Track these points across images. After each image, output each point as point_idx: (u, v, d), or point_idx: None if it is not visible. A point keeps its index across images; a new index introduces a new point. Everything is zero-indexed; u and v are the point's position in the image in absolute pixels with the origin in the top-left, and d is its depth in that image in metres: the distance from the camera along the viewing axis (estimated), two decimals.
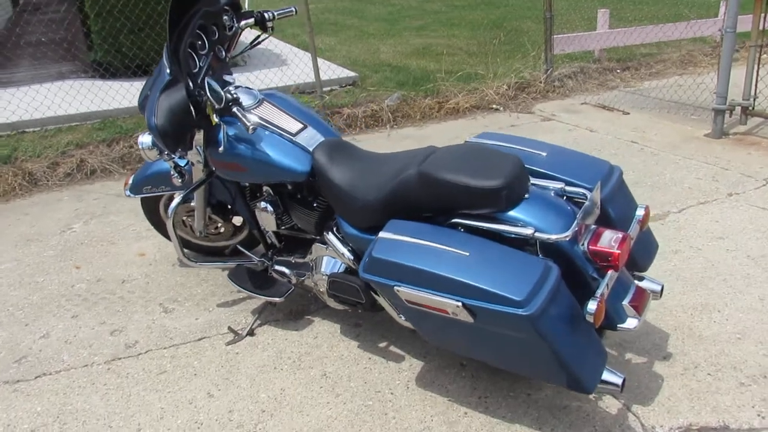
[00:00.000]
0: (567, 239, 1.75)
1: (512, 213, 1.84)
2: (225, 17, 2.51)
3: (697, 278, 2.71)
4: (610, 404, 2.03)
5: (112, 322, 2.68)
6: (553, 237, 1.76)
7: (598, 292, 1.71)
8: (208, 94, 2.01)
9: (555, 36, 6.07)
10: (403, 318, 1.97)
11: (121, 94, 5.36)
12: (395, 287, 1.79)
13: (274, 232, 2.55)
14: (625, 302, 1.87)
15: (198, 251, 2.99)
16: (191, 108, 2.08)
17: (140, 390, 2.26)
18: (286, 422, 2.06)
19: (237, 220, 2.86)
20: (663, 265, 2.81)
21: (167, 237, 2.99)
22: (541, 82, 6.01)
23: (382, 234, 1.88)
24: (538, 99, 5.86)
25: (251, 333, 2.53)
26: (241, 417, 2.10)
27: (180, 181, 2.48)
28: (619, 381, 1.76)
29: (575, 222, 1.71)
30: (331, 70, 6.22)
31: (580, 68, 6.36)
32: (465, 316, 1.69)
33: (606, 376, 1.76)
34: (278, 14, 2.61)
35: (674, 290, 2.64)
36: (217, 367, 2.35)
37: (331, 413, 2.09)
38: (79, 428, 2.10)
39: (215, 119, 2.19)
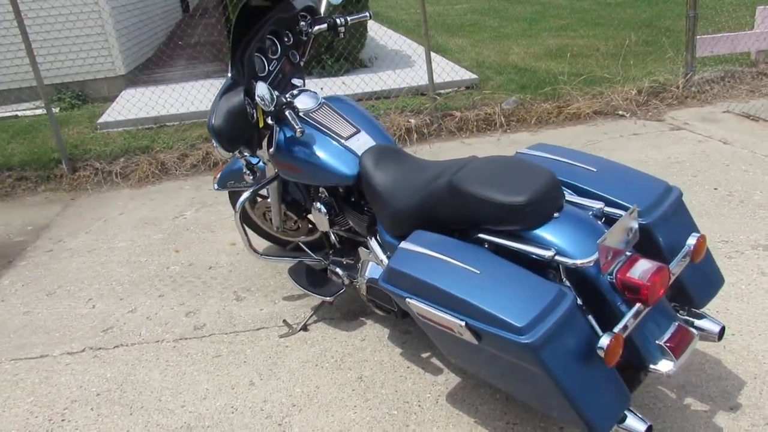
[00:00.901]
0: (590, 265, 1.60)
1: (537, 232, 1.72)
2: (302, 23, 2.59)
3: None
4: None
5: (189, 304, 2.91)
6: (575, 262, 1.62)
7: (617, 327, 1.54)
8: (257, 97, 2.10)
9: (700, 36, 5.50)
10: None
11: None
12: (407, 299, 1.75)
13: (334, 233, 2.60)
14: (661, 341, 1.66)
15: (284, 245, 3.14)
16: (248, 110, 2.18)
17: (194, 370, 2.43)
18: (310, 420, 2.11)
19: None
20: (764, 303, 2.46)
21: (251, 228, 3.16)
22: (678, 87, 5.49)
23: (403, 244, 1.85)
24: (674, 106, 5.36)
25: (305, 328, 2.61)
26: (272, 408, 2.18)
27: (251, 178, 2.61)
28: (641, 428, 1.57)
29: (599, 249, 1.55)
30: (454, 72, 6.17)
31: (729, 72, 5.70)
32: (469, 337, 1.61)
33: (628, 421, 1.59)
34: (351, 19, 2.65)
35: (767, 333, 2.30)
36: (265, 358, 2.46)
37: (354, 417, 2.10)
38: (135, 397, 2.31)
39: (270, 122, 2.28)
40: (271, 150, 2.36)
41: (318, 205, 2.46)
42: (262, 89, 2.10)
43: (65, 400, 2.34)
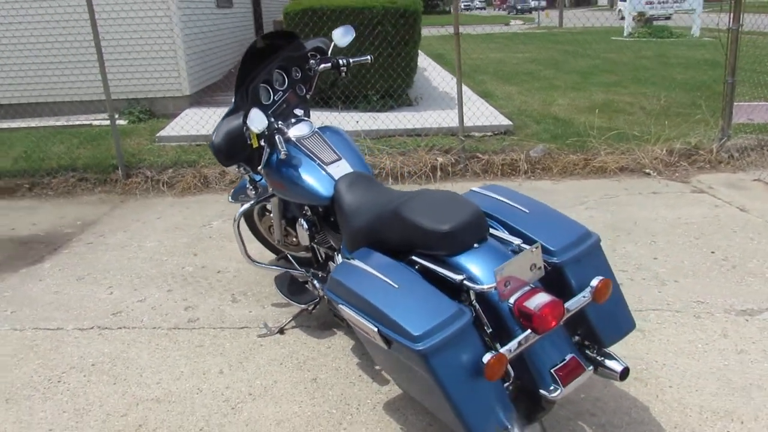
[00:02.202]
0: (491, 291, 1.81)
1: (456, 258, 1.94)
2: (311, 61, 2.94)
3: (743, 385, 2.41)
4: None
5: (190, 300, 3.25)
6: (477, 287, 1.83)
7: (503, 348, 1.74)
8: (248, 121, 2.43)
9: (738, 103, 5.54)
10: None
11: (318, 120, 6.13)
12: (340, 305, 2.00)
13: (317, 249, 2.89)
14: (552, 369, 1.83)
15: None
16: (245, 132, 2.53)
17: (177, 355, 2.75)
18: (260, 408, 2.38)
19: None
20: (714, 362, 2.55)
21: (259, 239, 3.49)
22: (711, 152, 5.51)
23: (345, 258, 2.11)
24: (705, 169, 5.39)
25: (281, 332, 2.89)
26: (231, 394, 2.46)
27: (253, 193, 2.97)
28: None
29: (495, 275, 1.76)
30: (492, 117, 6.42)
31: (766, 141, 5.68)
32: (381, 342, 1.84)
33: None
34: (353, 61, 2.98)
35: (706, 389, 2.39)
36: (239, 352, 2.75)
37: (297, 410, 2.35)
38: (121, 371, 2.65)
39: (262, 143, 2.61)
40: (261, 168, 2.68)
41: (301, 221, 2.76)
42: (254, 114, 2.43)
43: (65, 366, 2.70)
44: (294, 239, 3.35)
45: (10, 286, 3.54)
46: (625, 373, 1.95)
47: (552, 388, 1.82)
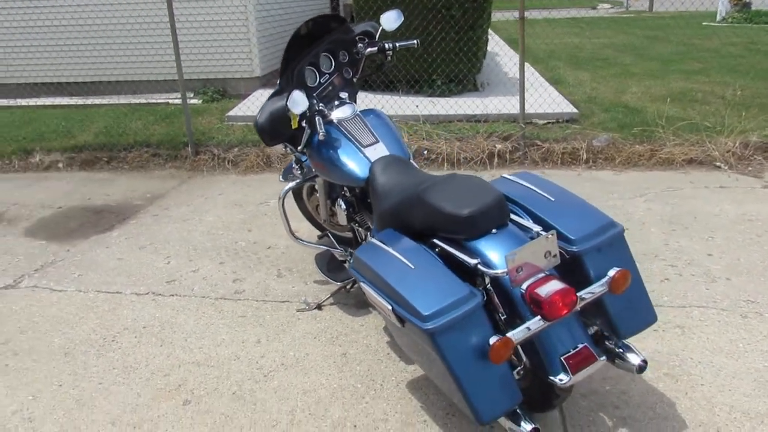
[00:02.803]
0: (503, 276, 1.83)
1: (474, 242, 1.96)
2: (360, 45, 3.00)
3: None
4: None
5: (239, 273, 3.43)
6: (490, 272, 1.86)
7: (510, 332, 1.76)
8: (288, 102, 2.52)
9: None
10: None
11: (380, 104, 6.15)
12: (361, 282, 2.08)
13: (356, 229, 2.97)
14: (562, 357, 1.83)
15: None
16: (288, 113, 2.63)
17: (220, 323, 2.92)
18: (290, 377, 2.50)
19: None
20: (754, 363, 2.45)
21: (307, 218, 3.61)
22: None
23: (370, 239, 2.18)
24: None
25: (319, 307, 3.01)
26: (265, 362, 2.60)
27: (299, 173, 3.09)
28: (527, 428, 1.77)
29: (506, 261, 1.77)
30: (556, 104, 6.27)
31: None
32: (395, 320, 1.90)
33: (512, 418, 1.79)
34: (400, 45, 3.02)
35: (740, 390, 2.31)
36: (278, 325, 2.89)
37: (324, 382, 2.46)
38: (168, 335, 2.84)
39: (303, 124, 2.71)
40: (300, 147, 2.78)
41: (340, 201, 2.84)
42: (295, 96, 2.52)
43: (119, 327, 2.93)
44: (338, 219, 3.45)
45: (80, 251, 3.84)
46: (642, 367, 1.93)
47: (561, 375, 1.82)
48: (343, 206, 2.82)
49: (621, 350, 1.98)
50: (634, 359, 1.94)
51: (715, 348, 2.58)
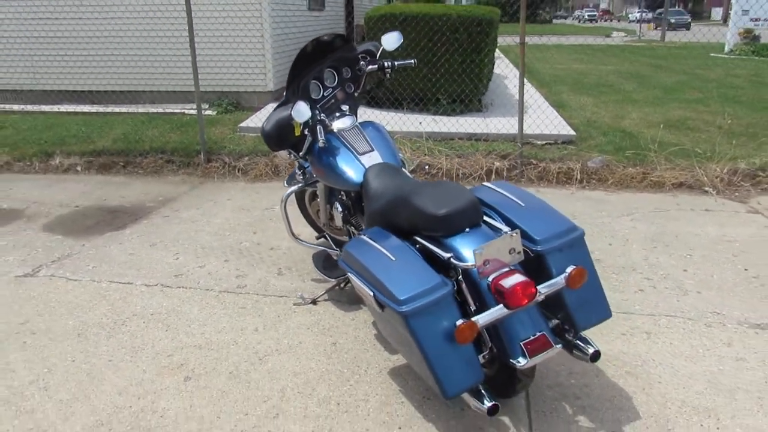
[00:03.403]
0: (471, 268, 2.06)
1: (449, 239, 2.20)
2: (362, 62, 3.27)
3: (731, 388, 2.51)
4: None
5: (242, 270, 3.68)
6: (461, 264, 2.09)
7: (475, 317, 1.99)
8: (292, 111, 2.78)
9: None
10: None
11: (384, 119, 6.38)
12: (349, 273, 2.32)
13: (352, 231, 3.21)
14: (521, 342, 2.06)
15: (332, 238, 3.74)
16: (291, 122, 2.90)
17: (222, 313, 3.16)
18: (283, 361, 2.73)
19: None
20: (710, 366, 2.66)
21: (308, 221, 3.85)
22: None
23: (359, 234, 2.43)
24: None
25: (314, 302, 3.24)
26: (261, 348, 2.84)
27: (301, 178, 3.35)
28: (483, 407, 1.99)
29: (475, 255, 2.01)
30: (556, 126, 6.53)
31: None
32: (376, 306, 2.14)
33: (475, 395, 2.01)
34: (398, 64, 3.28)
35: (693, 388, 2.52)
36: (275, 316, 3.13)
37: (313, 366, 2.69)
38: (174, 321, 3.09)
39: (306, 132, 2.97)
40: (301, 153, 3.04)
41: (336, 204, 3.09)
42: (298, 106, 2.79)
43: (129, 313, 3.18)
44: (335, 221, 3.70)
45: (94, 245, 4.11)
46: (595, 356, 2.15)
47: (520, 358, 2.04)
48: (340, 209, 3.07)
49: (578, 341, 2.20)
50: (588, 349, 2.16)
51: (677, 352, 2.78)
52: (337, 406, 2.42)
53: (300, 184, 3.35)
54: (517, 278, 2.02)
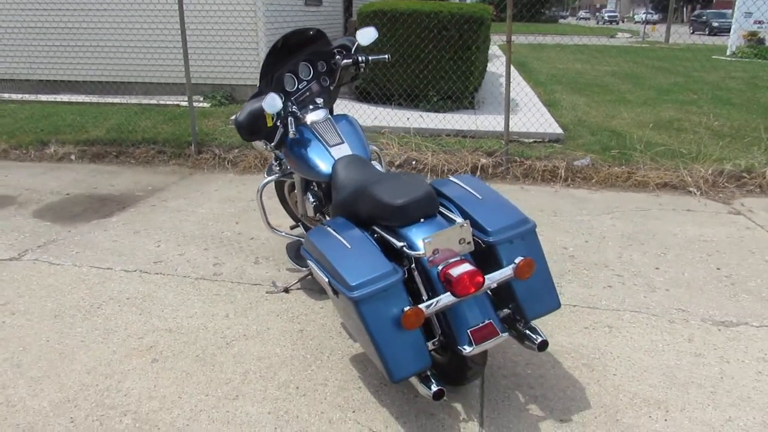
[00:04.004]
0: (421, 256, 2.12)
1: (405, 229, 2.27)
2: (338, 57, 3.33)
3: (685, 382, 2.57)
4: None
5: (220, 258, 3.75)
6: (412, 253, 2.16)
7: (422, 304, 2.05)
8: (263, 103, 2.84)
9: None
10: None
11: (373, 114, 6.57)
12: (308, 260, 2.39)
13: (323, 220, 3.27)
14: (468, 330, 2.12)
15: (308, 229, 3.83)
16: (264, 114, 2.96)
17: (195, 299, 3.24)
18: (249, 346, 2.80)
19: None
20: (667, 361, 2.71)
21: (287, 211, 3.92)
22: (763, 176, 5.42)
23: (320, 224, 2.49)
24: (754, 193, 5.31)
25: (286, 290, 3.31)
26: (229, 333, 2.91)
27: (278, 168, 3.42)
28: (429, 392, 2.06)
29: (424, 244, 2.07)
30: (545, 124, 6.57)
31: None
32: (331, 292, 2.21)
33: (423, 380, 2.08)
34: (372, 59, 3.34)
35: (647, 381, 2.58)
36: (247, 303, 3.20)
37: (278, 351, 2.76)
38: (148, 305, 3.16)
39: (278, 123, 3.03)
40: (272, 145, 3.11)
41: (308, 194, 3.16)
42: (269, 98, 2.85)
43: (106, 297, 3.26)
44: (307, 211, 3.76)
45: (80, 232, 4.19)
46: (542, 346, 2.21)
47: (466, 345, 2.11)
48: (311, 199, 3.14)
49: (527, 331, 2.26)
50: (535, 338, 2.22)
51: (636, 346, 2.84)
52: (296, 390, 2.49)
53: (276, 175, 3.42)
54: (465, 267, 2.08)
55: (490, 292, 2.27)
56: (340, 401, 2.43)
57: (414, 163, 5.76)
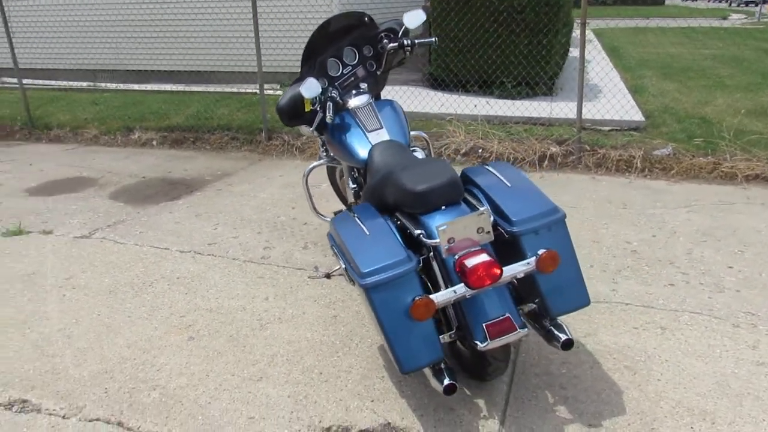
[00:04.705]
0: (436, 245, 2.04)
1: (426, 216, 2.19)
2: (385, 41, 3.28)
3: (740, 393, 2.33)
4: None
5: (271, 242, 3.82)
6: (428, 241, 2.08)
7: (433, 294, 1.97)
8: (301, 88, 2.84)
9: None
10: None
11: (440, 102, 6.48)
12: (331, 245, 2.37)
13: None
14: (483, 324, 2.01)
15: None
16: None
17: (240, 281, 3.31)
18: (282, 329, 2.83)
19: None
20: (723, 368, 2.48)
21: (339, 197, 3.93)
22: None
23: (346, 210, 2.46)
24: None
25: (328, 276, 3.32)
26: (265, 315, 2.95)
27: (324, 155, 3.43)
28: (440, 386, 1.98)
29: (438, 232, 1.98)
30: (624, 112, 6.20)
31: None
32: (347, 279, 2.17)
33: (436, 373, 2.01)
34: (419, 42, 3.26)
35: (695, 389, 2.36)
36: (288, 287, 3.23)
37: (309, 336, 2.77)
38: (194, 285, 3.27)
39: (316, 108, 3.01)
40: (311, 129, 3.09)
41: (348, 180, 3.14)
42: (307, 83, 2.84)
43: (158, 276, 3.40)
44: (347, 196, 3.73)
45: (148, 213, 4.41)
46: (567, 344, 2.07)
47: (480, 339, 2.01)
48: (351, 184, 3.11)
49: (553, 328, 2.12)
50: (561, 336, 2.07)
51: (690, 350, 2.61)
52: (319, 375, 2.49)
53: (323, 161, 3.42)
54: (482, 258, 1.98)
55: (515, 284, 2.15)
56: (361, 389, 2.39)
57: (480, 151, 5.60)
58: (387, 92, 6.72)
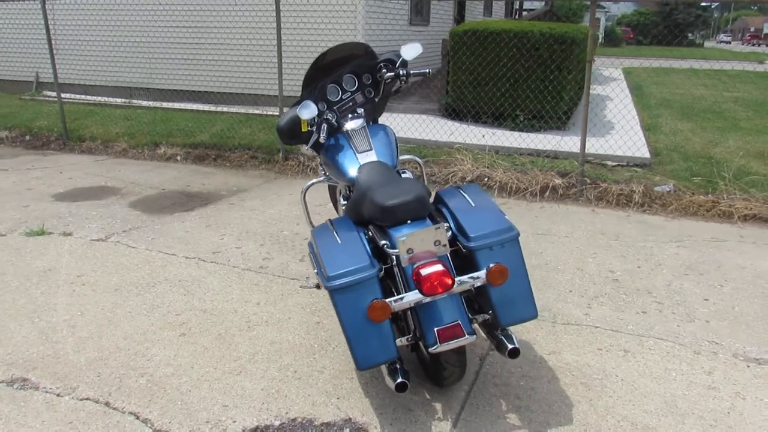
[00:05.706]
0: (396, 254, 2.25)
1: (392, 229, 2.39)
2: (383, 70, 3.54)
3: (685, 412, 2.46)
4: None
5: (270, 254, 4.06)
6: (390, 251, 2.28)
7: (389, 299, 2.17)
8: (298, 109, 3.09)
9: None
10: None
11: (456, 131, 6.72)
12: (309, 253, 2.59)
13: None
14: (435, 328, 2.20)
15: None
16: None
17: (236, 286, 3.55)
18: (266, 331, 3.05)
19: None
20: (675, 390, 2.61)
21: (338, 212, 4.16)
22: None
23: (327, 221, 2.68)
24: None
25: (318, 287, 3.51)
26: (254, 318, 3.18)
27: (323, 172, 3.67)
28: (392, 383, 2.17)
29: (398, 242, 2.18)
30: (632, 148, 6.34)
31: None
32: (321, 284, 2.39)
33: (390, 372, 2.19)
34: (413, 73, 3.50)
35: (643, 406, 2.50)
36: (278, 294, 3.46)
37: (291, 338, 2.98)
38: (193, 288, 3.52)
39: (312, 129, 3.27)
40: (306, 147, 3.34)
41: (339, 197, 3.37)
42: (304, 104, 3.10)
43: (162, 278, 3.66)
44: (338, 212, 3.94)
45: (162, 222, 4.70)
46: (513, 353, 2.24)
47: (431, 342, 2.19)
48: (342, 201, 3.34)
49: (502, 338, 2.29)
50: (506, 344, 2.25)
51: (646, 372, 2.74)
52: (293, 373, 2.69)
53: (321, 178, 3.66)
54: (436, 268, 2.18)
55: (473, 293, 2.33)
56: (329, 388, 2.59)
57: (486, 179, 5.80)
58: (404, 120, 6.99)
